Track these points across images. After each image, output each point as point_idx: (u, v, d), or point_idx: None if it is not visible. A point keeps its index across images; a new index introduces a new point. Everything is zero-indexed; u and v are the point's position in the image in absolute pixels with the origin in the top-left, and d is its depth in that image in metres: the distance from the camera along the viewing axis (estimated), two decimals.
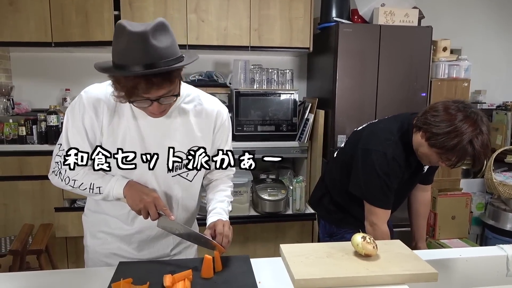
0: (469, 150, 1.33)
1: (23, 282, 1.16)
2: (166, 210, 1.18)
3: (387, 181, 1.50)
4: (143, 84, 1.01)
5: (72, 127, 1.18)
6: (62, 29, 2.82)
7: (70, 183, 1.21)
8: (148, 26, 1.00)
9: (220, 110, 1.32)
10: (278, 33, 3.00)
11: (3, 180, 2.89)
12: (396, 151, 1.50)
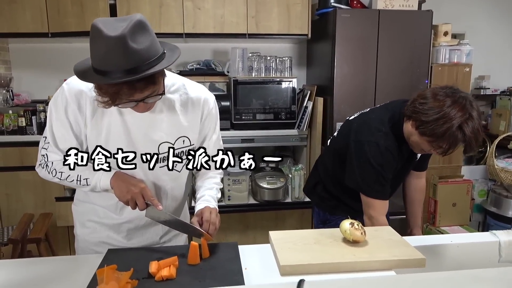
0: (459, 136, 1.31)
1: (17, 268, 1.17)
2: (154, 200, 1.18)
3: (382, 172, 1.48)
4: (125, 90, 0.99)
5: (56, 120, 1.17)
6: (58, 19, 2.82)
7: (57, 175, 1.21)
8: (125, 28, 0.94)
9: (207, 97, 1.31)
10: (275, 20, 2.96)
11: (4, 171, 2.92)
12: (388, 141, 1.48)
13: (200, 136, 1.33)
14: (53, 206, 2.84)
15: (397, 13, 2.78)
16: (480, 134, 1.32)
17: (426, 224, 2.94)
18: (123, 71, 0.96)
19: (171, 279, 1.06)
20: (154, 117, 1.20)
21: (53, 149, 1.19)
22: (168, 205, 1.34)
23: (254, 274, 1.13)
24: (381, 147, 1.47)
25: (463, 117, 1.30)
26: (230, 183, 2.85)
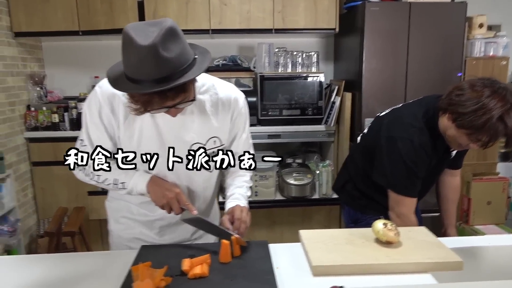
0: (500, 128, 1.24)
1: (53, 263, 1.22)
2: (189, 205, 1.19)
3: (414, 169, 1.44)
4: (157, 99, 0.99)
5: (91, 123, 1.20)
6: (88, 18, 2.87)
7: (95, 178, 1.23)
8: (156, 36, 0.93)
9: (237, 97, 1.30)
10: (302, 15, 2.92)
11: (39, 165, 3.04)
12: (422, 138, 1.43)
13: (230, 135, 1.33)
14: (86, 200, 2.93)
15: (429, 5, 2.69)
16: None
17: (459, 223, 2.86)
18: (155, 80, 0.96)
19: (204, 277, 1.07)
20: (185, 118, 1.21)
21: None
22: (200, 205, 1.36)
23: (285, 273, 1.13)
24: (415, 143, 1.42)
25: (504, 107, 1.23)
26: (257, 179, 2.85)
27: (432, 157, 1.47)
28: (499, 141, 1.33)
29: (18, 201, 2.81)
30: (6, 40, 2.84)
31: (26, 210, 2.97)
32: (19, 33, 2.91)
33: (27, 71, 3.09)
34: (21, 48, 3.01)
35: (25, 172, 3.00)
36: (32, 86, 3.08)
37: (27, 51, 3.10)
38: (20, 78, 3.00)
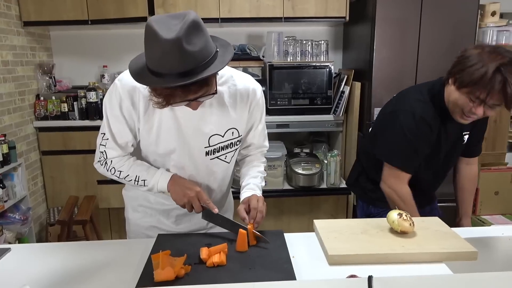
0: (497, 79, 1.22)
1: (71, 251, 1.23)
2: (210, 204, 1.21)
3: (415, 143, 1.43)
4: (179, 92, 1.00)
5: (111, 116, 1.20)
6: (97, 7, 2.86)
7: (116, 174, 1.25)
8: (180, 30, 0.93)
9: (254, 88, 1.30)
10: (312, 2, 2.90)
11: (49, 154, 3.06)
12: (425, 110, 1.43)
13: (247, 126, 1.34)
14: (95, 189, 2.95)
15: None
16: None
17: None
18: (178, 74, 0.96)
19: (222, 266, 1.09)
20: (204, 110, 1.21)
21: (112, 145, 1.22)
22: (217, 196, 1.37)
23: (302, 262, 1.14)
24: (416, 116, 1.41)
25: (503, 59, 1.23)
26: (265, 168, 2.86)
27: (437, 133, 1.45)
28: (508, 132, 1.34)
29: (29, 189, 2.84)
30: (15, 29, 2.84)
31: (36, 198, 3.00)
32: (28, 22, 2.91)
33: (36, 61, 3.09)
34: (29, 38, 3.01)
35: (35, 161, 3.02)
36: (41, 75, 3.09)
37: (36, 40, 3.10)
38: (29, 67, 3.01)
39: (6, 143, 2.45)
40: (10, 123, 2.75)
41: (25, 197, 2.66)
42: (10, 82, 2.76)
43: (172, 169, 1.27)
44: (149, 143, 1.23)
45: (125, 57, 3.19)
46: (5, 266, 1.15)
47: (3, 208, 2.39)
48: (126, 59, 1.20)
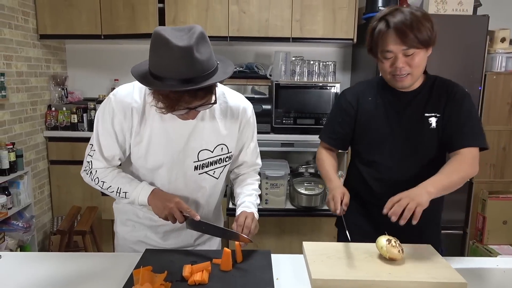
0: (381, 24, 1.28)
1: (58, 262, 1.25)
2: (191, 212, 1.21)
3: (332, 114, 1.54)
4: (187, 97, 1.04)
5: (103, 130, 1.22)
6: (110, 22, 2.95)
7: (99, 184, 1.26)
8: (191, 39, 0.99)
9: (245, 106, 1.33)
10: (320, 24, 2.93)
11: (57, 164, 3.12)
12: (355, 86, 1.52)
13: (238, 144, 1.35)
14: (99, 200, 2.98)
15: (450, 17, 2.65)
16: (416, 22, 1.24)
17: (473, 241, 2.79)
18: (184, 80, 1.01)
19: (203, 284, 1.08)
20: (194, 125, 1.23)
21: (98, 157, 1.24)
22: (207, 212, 1.37)
23: (285, 285, 1.12)
24: (342, 92, 1.52)
25: (385, 11, 1.29)
26: (268, 187, 2.85)
27: (375, 108, 1.42)
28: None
29: (35, 198, 2.89)
30: (32, 42, 2.94)
31: (41, 207, 3.05)
32: (44, 35, 3.01)
33: (50, 72, 3.19)
34: (45, 50, 3.11)
35: (43, 170, 3.08)
36: (54, 86, 3.17)
37: (51, 52, 3.20)
38: (43, 78, 3.10)
39: (14, 151, 2.51)
40: (21, 132, 2.82)
41: (29, 205, 2.70)
42: (23, 92, 2.84)
43: (160, 183, 1.28)
44: (138, 156, 1.24)
45: None
46: None
47: (6, 215, 2.43)
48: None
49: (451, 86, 1.40)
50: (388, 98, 1.42)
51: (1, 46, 2.59)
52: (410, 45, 1.25)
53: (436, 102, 1.38)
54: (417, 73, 1.31)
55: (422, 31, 1.24)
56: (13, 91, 2.72)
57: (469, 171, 1.31)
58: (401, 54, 1.27)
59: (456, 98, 1.37)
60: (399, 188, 1.29)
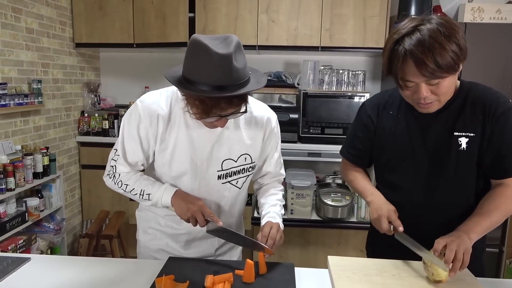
0: (398, 50, 1.07)
1: (85, 266, 1.26)
2: (214, 217, 1.20)
3: (353, 128, 1.39)
4: (223, 104, 1.05)
5: (128, 135, 1.23)
6: (142, 31, 3.03)
7: (122, 187, 1.28)
8: (230, 47, 1.01)
9: (270, 117, 1.32)
10: (350, 33, 2.89)
11: (88, 168, 3.21)
12: (376, 97, 1.36)
13: (263, 154, 1.34)
14: (127, 205, 3.04)
15: (487, 26, 2.55)
16: (438, 41, 1.04)
17: (510, 260, 2.63)
18: (220, 87, 1.02)
19: None
20: (220, 134, 1.23)
21: (122, 162, 1.25)
22: (229, 221, 1.36)
23: None
24: (362, 104, 1.38)
25: (399, 33, 1.09)
26: (294, 197, 2.81)
27: (395, 125, 1.27)
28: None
29: (66, 201, 2.98)
30: (68, 50, 3.05)
31: (72, 210, 3.14)
32: (80, 44, 3.13)
33: (84, 79, 3.30)
34: (80, 58, 3.22)
35: (74, 174, 3.17)
36: (87, 93, 3.28)
37: (86, 60, 3.31)
38: (77, 85, 3.21)
39: (47, 156, 2.60)
40: (55, 136, 2.92)
41: (60, 208, 2.78)
42: (58, 99, 2.95)
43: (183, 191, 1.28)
44: (163, 163, 1.25)
45: (166, 79, 3.32)
46: (23, 275, 1.20)
47: (38, 217, 2.50)
48: (166, 81, 1.24)
49: (490, 99, 1.18)
50: (411, 112, 1.25)
51: (39, 54, 2.71)
52: (431, 76, 1.06)
53: (470, 119, 1.19)
54: (444, 98, 1.15)
55: (445, 56, 1.04)
56: (49, 97, 2.83)
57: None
58: (424, 83, 1.09)
59: (497, 116, 1.17)
60: (421, 216, 1.24)
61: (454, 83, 1.15)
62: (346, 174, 1.46)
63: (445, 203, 1.24)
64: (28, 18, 2.59)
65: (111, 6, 3.03)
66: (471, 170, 1.21)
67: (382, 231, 1.21)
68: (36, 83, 2.61)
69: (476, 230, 1.11)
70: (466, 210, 1.20)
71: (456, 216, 1.20)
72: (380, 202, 1.26)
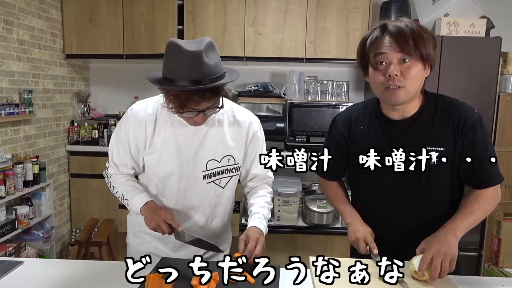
0: (377, 29, 1.17)
1: (72, 268, 1.30)
2: (175, 222, 1.25)
3: (326, 143, 1.41)
4: (196, 97, 1.14)
5: (117, 139, 1.34)
6: (132, 43, 3.10)
7: (111, 188, 1.38)
8: (200, 46, 1.11)
9: (252, 121, 1.40)
10: (334, 45, 3.00)
11: (77, 177, 3.24)
12: (347, 110, 1.39)
13: (248, 158, 1.41)
14: (116, 213, 3.07)
15: (462, 39, 2.68)
16: (419, 26, 1.15)
17: (488, 264, 2.73)
18: (195, 81, 1.11)
19: None
20: (204, 135, 1.31)
21: (112, 164, 1.37)
22: (215, 223, 1.43)
23: None
24: (337, 116, 1.40)
25: (380, 22, 1.19)
26: (280, 204, 2.89)
27: (349, 135, 1.33)
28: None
29: (55, 209, 3.00)
30: (58, 61, 3.11)
31: (61, 218, 3.16)
32: (70, 55, 3.18)
33: (74, 89, 3.35)
34: (70, 68, 3.28)
35: (64, 183, 3.20)
36: (77, 103, 3.33)
37: (76, 71, 3.37)
38: (67, 95, 3.25)
39: (37, 164, 2.63)
40: (45, 145, 2.96)
41: (50, 216, 2.80)
42: (49, 108, 2.99)
43: (171, 191, 1.35)
44: (152, 164, 1.33)
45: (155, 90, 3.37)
46: (16, 278, 1.24)
47: (28, 225, 2.53)
48: (155, 91, 1.33)
49: (459, 113, 1.22)
50: (381, 126, 1.28)
51: (30, 65, 2.76)
52: (408, 53, 1.12)
53: (439, 133, 1.22)
54: (411, 88, 1.17)
55: (423, 41, 1.13)
56: (39, 107, 2.88)
57: (493, 206, 1.26)
58: (396, 61, 1.14)
59: (466, 129, 1.21)
60: (396, 226, 1.31)
61: (421, 78, 1.19)
62: (324, 190, 1.52)
63: (418, 214, 1.30)
64: (20, 30, 2.65)
65: (102, 18, 3.10)
66: (443, 183, 1.26)
67: (360, 252, 1.30)
68: (27, 93, 2.66)
69: (462, 228, 1.18)
70: (440, 218, 1.25)
71: (431, 224, 1.25)
72: (357, 224, 1.33)
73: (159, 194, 1.38)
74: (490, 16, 2.81)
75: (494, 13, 2.92)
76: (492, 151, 1.24)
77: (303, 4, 2.97)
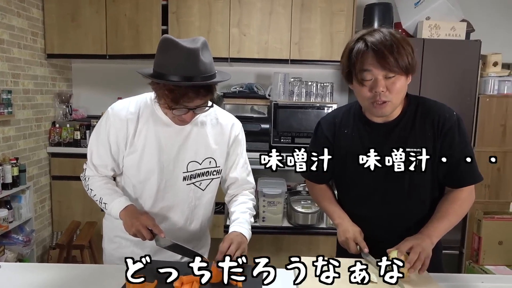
0: (358, 44, 1.18)
1: (52, 272, 1.27)
2: (156, 228, 1.22)
3: (310, 146, 1.42)
4: (191, 94, 1.14)
5: (97, 139, 1.31)
6: (116, 43, 3.06)
7: (89, 192, 1.34)
8: (197, 44, 1.13)
9: (234, 123, 1.40)
10: (318, 47, 3.02)
11: (59, 180, 3.18)
12: (331, 114, 1.42)
13: (229, 161, 1.40)
14: (99, 215, 2.99)
15: (443, 42, 2.74)
16: (397, 39, 1.16)
17: (469, 261, 2.78)
18: (189, 78, 1.11)
19: None
20: (186, 136, 1.30)
21: (90, 165, 1.33)
22: (191, 224, 1.40)
23: None
24: (320, 122, 1.42)
25: (361, 33, 1.21)
26: (265, 205, 2.89)
27: (333, 139, 1.35)
28: None
29: (35, 212, 2.93)
30: (39, 60, 3.05)
31: (42, 221, 3.09)
32: (52, 55, 3.12)
33: (56, 90, 3.28)
34: (52, 69, 3.22)
35: (45, 185, 3.14)
36: (58, 104, 3.26)
37: (57, 71, 3.30)
38: (49, 96, 3.19)
39: (17, 167, 2.57)
40: (25, 147, 2.89)
41: (30, 219, 2.74)
42: (29, 109, 2.93)
43: (149, 192, 1.32)
44: (132, 165, 1.30)
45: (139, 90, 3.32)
46: None
47: (7, 228, 2.47)
48: (139, 92, 1.32)
49: (438, 115, 1.27)
50: (365, 130, 1.32)
51: (10, 65, 2.70)
52: (390, 70, 1.15)
53: (420, 135, 1.26)
54: (397, 101, 1.22)
55: (403, 55, 1.16)
56: (19, 108, 2.81)
57: (467, 208, 1.31)
58: (381, 77, 1.17)
59: (445, 131, 1.25)
60: (381, 226, 1.34)
61: (405, 89, 1.23)
62: (312, 193, 1.53)
63: (402, 215, 1.34)
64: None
65: (84, 17, 3.05)
66: (425, 183, 1.30)
67: (350, 252, 1.31)
68: (6, 94, 2.59)
69: (436, 234, 1.24)
70: (423, 217, 1.31)
71: (413, 223, 1.31)
72: (346, 225, 1.34)
73: (137, 196, 1.35)
74: (470, 20, 2.87)
75: (474, 17, 2.99)
76: (470, 151, 1.29)
77: (287, 5, 2.98)
